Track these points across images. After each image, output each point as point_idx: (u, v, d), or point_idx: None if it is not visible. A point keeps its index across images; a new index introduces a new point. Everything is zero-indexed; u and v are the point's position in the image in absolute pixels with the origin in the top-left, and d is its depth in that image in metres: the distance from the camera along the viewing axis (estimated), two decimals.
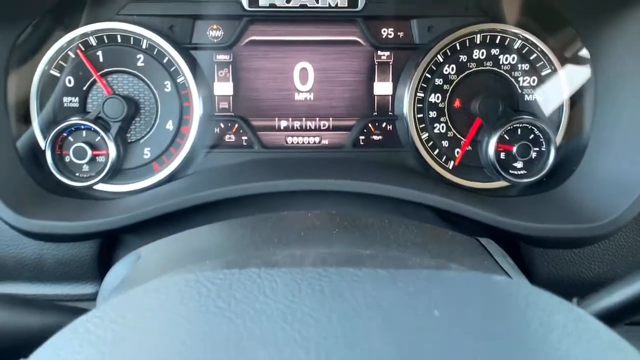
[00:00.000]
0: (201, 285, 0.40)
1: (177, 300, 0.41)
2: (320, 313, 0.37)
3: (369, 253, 0.55)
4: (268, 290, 0.39)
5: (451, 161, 1.12)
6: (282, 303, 0.38)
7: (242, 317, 0.37)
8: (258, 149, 1.13)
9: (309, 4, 1.08)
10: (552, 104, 1.11)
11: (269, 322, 0.36)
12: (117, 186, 1.08)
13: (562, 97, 1.10)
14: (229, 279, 0.41)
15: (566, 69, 1.09)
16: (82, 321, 0.44)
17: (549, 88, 1.10)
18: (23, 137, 1.04)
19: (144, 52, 1.07)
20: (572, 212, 0.97)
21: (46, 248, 1.01)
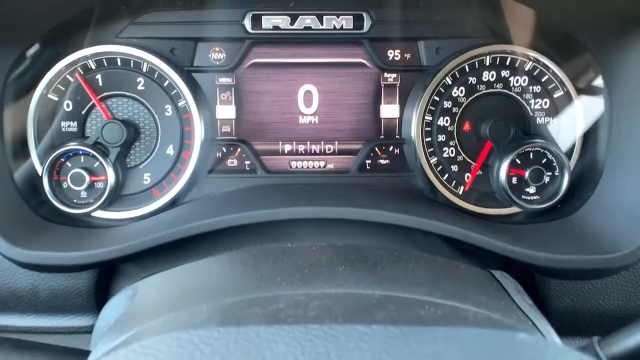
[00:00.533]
0: (195, 347, 0.36)
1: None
2: None
3: (378, 298, 0.52)
4: (267, 353, 0.35)
5: (461, 186, 1.09)
6: None
7: None
8: (261, 173, 1.10)
9: (313, 26, 1.06)
10: (565, 127, 1.07)
11: None
12: (116, 213, 1.05)
13: (575, 120, 1.06)
14: (224, 338, 0.37)
15: (579, 91, 1.05)
16: None
17: (561, 110, 1.07)
18: (19, 163, 1.02)
19: (145, 76, 1.04)
20: (589, 241, 0.93)
21: (41, 279, 0.98)
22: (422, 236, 0.95)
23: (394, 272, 0.66)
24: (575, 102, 1.06)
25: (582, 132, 1.06)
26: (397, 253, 0.76)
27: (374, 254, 0.74)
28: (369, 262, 0.70)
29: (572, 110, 1.06)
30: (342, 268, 0.67)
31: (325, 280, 0.63)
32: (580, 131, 1.06)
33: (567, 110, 1.07)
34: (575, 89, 1.06)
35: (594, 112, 1.04)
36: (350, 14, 1.06)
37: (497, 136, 1.05)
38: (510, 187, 1.05)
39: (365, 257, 0.73)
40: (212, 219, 0.91)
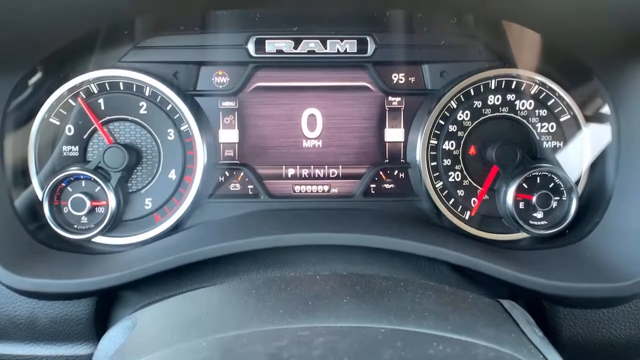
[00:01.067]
0: None
1: None
2: None
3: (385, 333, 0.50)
4: None
5: (467, 211, 1.07)
6: None
7: None
8: (264, 198, 1.09)
9: (317, 49, 1.05)
10: (573, 151, 1.05)
11: None
12: (117, 239, 1.04)
13: (582, 144, 1.04)
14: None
15: (586, 114, 1.04)
16: None
17: (568, 134, 1.05)
18: (20, 188, 1.01)
19: (147, 100, 1.04)
20: (598, 268, 0.91)
21: (40, 306, 0.96)
22: (428, 263, 0.93)
23: (401, 303, 0.64)
24: (582, 126, 1.05)
25: (589, 157, 1.04)
26: (403, 283, 0.74)
27: (380, 283, 0.73)
28: (375, 292, 0.68)
29: (579, 134, 1.05)
30: (347, 299, 0.65)
31: (330, 312, 0.61)
32: (588, 155, 1.05)
33: (574, 134, 1.05)
34: (582, 112, 1.05)
35: (601, 136, 1.02)
36: (354, 38, 1.05)
37: (503, 160, 1.04)
38: (518, 212, 1.04)
39: (371, 287, 0.71)
40: (214, 246, 0.89)
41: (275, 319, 0.59)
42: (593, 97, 1.03)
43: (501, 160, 1.04)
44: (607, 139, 1.01)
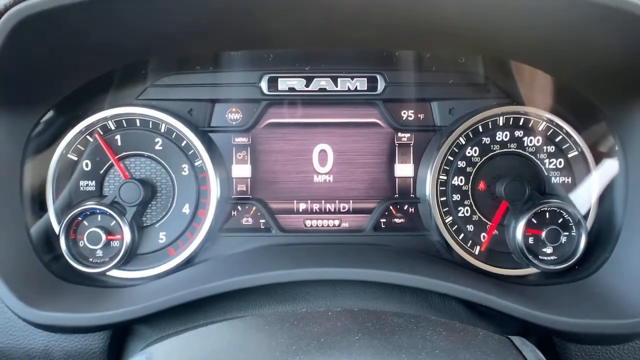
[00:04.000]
0: None
1: None
2: None
3: None
4: None
5: (477, 246, 1.08)
6: None
7: None
8: (276, 232, 1.10)
9: (328, 87, 1.08)
10: (581, 187, 1.07)
11: None
12: (131, 272, 1.06)
13: (590, 180, 1.06)
14: None
15: (594, 151, 1.06)
16: None
17: (576, 170, 1.07)
18: (37, 223, 1.03)
19: (163, 136, 1.07)
20: (609, 304, 0.91)
21: (55, 340, 0.97)
22: (439, 298, 0.94)
23: (412, 341, 0.65)
24: (590, 162, 1.06)
25: (598, 192, 1.05)
26: (414, 319, 0.75)
27: (391, 320, 0.73)
28: (386, 330, 0.69)
29: (587, 170, 1.06)
30: (358, 337, 0.66)
31: (342, 350, 0.62)
32: (596, 191, 1.06)
33: (582, 171, 1.07)
34: (590, 149, 1.06)
35: (609, 172, 1.03)
36: (365, 76, 1.08)
37: (512, 196, 1.05)
38: (527, 247, 1.05)
39: (382, 324, 0.72)
40: (227, 280, 0.91)
41: (287, 356, 0.60)
42: (601, 135, 1.04)
43: (510, 196, 1.05)
44: (615, 175, 1.02)
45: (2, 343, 0.98)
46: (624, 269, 0.96)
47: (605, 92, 0.97)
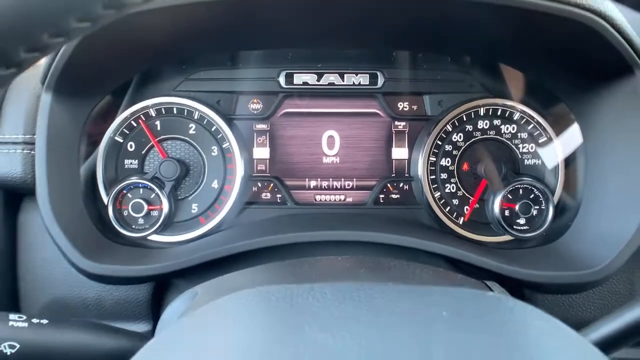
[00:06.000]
0: (266, 295, 0.55)
1: (251, 306, 0.55)
2: (358, 313, 0.51)
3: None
4: (320, 297, 0.53)
5: (461, 217, 1.27)
6: (331, 307, 0.52)
7: (303, 314, 0.51)
8: (291, 205, 1.29)
9: (336, 82, 1.27)
10: (549, 168, 1.26)
11: (322, 318, 0.51)
12: (168, 237, 1.24)
13: (557, 162, 1.25)
14: (289, 290, 0.55)
15: (560, 138, 1.25)
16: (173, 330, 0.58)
17: (545, 153, 1.26)
18: (90, 194, 1.21)
19: (195, 122, 1.25)
20: (569, 261, 1.10)
21: (106, 290, 1.15)
22: (428, 257, 1.12)
23: (404, 273, 0.84)
24: (557, 146, 1.25)
25: (563, 172, 1.24)
26: (407, 264, 0.94)
27: (389, 263, 0.92)
28: (385, 268, 0.88)
29: (554, 153, 1.26)
30: (363, 271, 0.85)
31: (351, 277, 0.81)
32: (562, 171, 1.25)
33: (550, 153, 1.26)
34: (557, 135, 1.25)
35: (573, 155, 1.23)
36: (367, 73, 1.27)
37: (491, 175, 1.24)
38: (503, 218, 1.23)
39: (382, 265, 0.91)
40: (252, 240, 1.10)
41: (309, 281, 0.79)
42: (565, 124, 1.23)
43: (489, 175, 1.25)
44: (577, 158, 1.22)
45: (62, 293, 1.17)
46: (582, 234, 1.15)
47: (567, 87, 1.16)
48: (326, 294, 0.55)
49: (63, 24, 0.41)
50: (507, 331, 0.51)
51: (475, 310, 0.53)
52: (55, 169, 1.07)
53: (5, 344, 0.73)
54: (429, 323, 0.50)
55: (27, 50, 0.42)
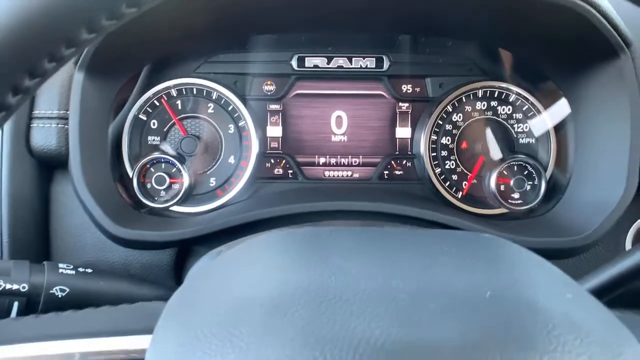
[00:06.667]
0: (292, 235, 0.64)
1: (278, 242, 0.65)
2: (376, 246, 0.61)
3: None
4: (342, 235, 0.63)
5: (460, 192, 1.37)
6: (352, 243, 0.62)
7: (327, 248, 0.61)
8: (301, 180, 1.38)
9: (344, 65, 1.36)
10: (542, 146, 1.35)
11: (345, 251, 0.60)
12: (188, 208, 1.33)
13: (549, 140, 1.35)
14: (314, 231, 0.65)
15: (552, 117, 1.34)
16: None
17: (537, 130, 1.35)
18: (116, 167, 1.31)
19: (214, 102, 1.35)
20: (560, 230, 1.20)
21: (132, 254, 1.25)
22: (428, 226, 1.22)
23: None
24: (548, 125, 1.35)
25: (555, 149, 1.34)
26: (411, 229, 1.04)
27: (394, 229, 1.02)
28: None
29: (547, 133, 1.35)
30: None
31: None
32: (554, 148, 1.34)
33: (543, 132, 1.35)
34: (549, 115, 1.35)
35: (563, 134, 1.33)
36: (373, 57, 1.36)
37: (487, 153, 1.34)
38: (499, 192, 1.33)
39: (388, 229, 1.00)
40: (267, 209, 1.19)
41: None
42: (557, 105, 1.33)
43: (486, 153, 1.35)
44: (568, 137, 1.31)
45: (91, 258, 1.27)
46: (572, 205, 1.25)
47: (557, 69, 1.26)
48: (347, 234, 0.65)
49: (94, 22, 0.50)
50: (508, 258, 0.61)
51: (482, 245, 0.63)
52: (86, 143, 1.16)
53: (56, 287, 0.83)
54: (438, 254, 0.60)
55: (67, 46, 0.51)
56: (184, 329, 0.53)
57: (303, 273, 0.56)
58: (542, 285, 0.57)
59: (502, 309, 0.52)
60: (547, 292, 0.56)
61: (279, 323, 0.50)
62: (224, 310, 0.54)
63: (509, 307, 0.52)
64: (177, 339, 0.53)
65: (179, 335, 0.53)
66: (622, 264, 0.87)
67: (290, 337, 0.49)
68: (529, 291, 0.55)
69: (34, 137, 1.20)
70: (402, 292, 0.53)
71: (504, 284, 0.56)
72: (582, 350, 0.50)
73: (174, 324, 0.55)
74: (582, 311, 0.56)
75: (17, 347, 0.55)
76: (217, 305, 0.55)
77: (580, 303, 0.57)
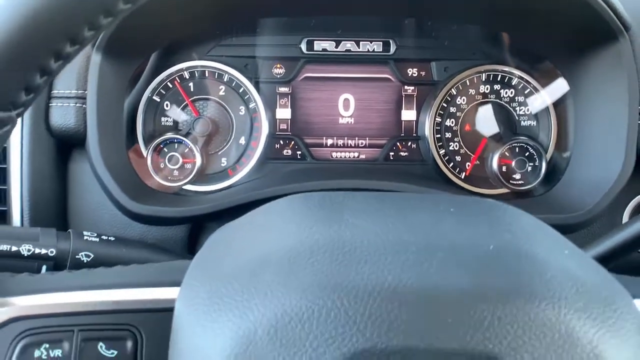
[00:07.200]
0: (306, 196, 0.69)
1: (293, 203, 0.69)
2: (388, 206, 0.66)
3: None
4: (354, 198, 0.68)
5: (463, 172, 1.41)
6: (364, 204, 0.67)
7: (341, 207, 0.65)
8: (310, 160, 1.43)
9: (352, 49, 1.40)
10: (543, 128, 1.40)
11: (358, 211, 0.65)
12: (200, 187, 1.38)
13: (550, 123, 1.39)
14: (327, 194, 0.69)
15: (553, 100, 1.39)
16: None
17: (540, 116, 1.40)
18: (130, 147, 1.35)
19: (225, 84, 1.39)
20: (559, 208, 1.24)
21: (147, 229, 1.30)
22: None
23: None
24: (550, 110, 1.39)
25: (555, 131, 1.38)
26: None
27: None
28: None
29: (548, 115, 1.39)
30: None
31: None
32: (554, 131, 1.39)
33: (544, 116, 1.40)
34: (551, 99, 1.39)
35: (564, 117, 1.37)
36: (380, 41, 1.40)
37: (490, 134, 1.39)
38: (501, 173, 1.37)
39: None
40: (276, 187, 1.24)
41: None
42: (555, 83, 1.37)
43: (488, 134, 1.39)
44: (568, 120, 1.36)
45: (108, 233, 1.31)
46: (571, 184, 1.30)
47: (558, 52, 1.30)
48: (360, 197, 0.69)
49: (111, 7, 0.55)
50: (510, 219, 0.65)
51: (487, 207, 0.68)
52: (103, 122, 1.21)
53: (82, 253, 0.88)
54: (445, 213, 0.64)
55: (104, 16, 0.55)
56: (211, 278, 0.58)
57: (320, 229, 0.60)
58: (541, 242, 0.62)
59: (504, 260, 0.57)
60: (546, 247, 0.60)
61: (299, 272, 0.55)
62: (248, 260, 0.58)
63: (510, 258, 0.57)
64: (205, 286, 0.57)
65: (207, 283, 0.58)
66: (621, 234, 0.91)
67: (309, 283, 0.54)
68: (529, 246, 0.59)
69: (53, 116, 1.25)
70: (412, 245, 0.57)
71: (506, 239, 0.60)
72: (577, 297, 0.55)
73: (201, 274, 0.60)
74: (578, 265, 0.60)
75: (55, 296, 0.60)
76: (241, 256, 0.59)
77: (576, 258, 0.62)
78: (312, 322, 0.52)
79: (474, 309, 0.52)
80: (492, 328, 0.51)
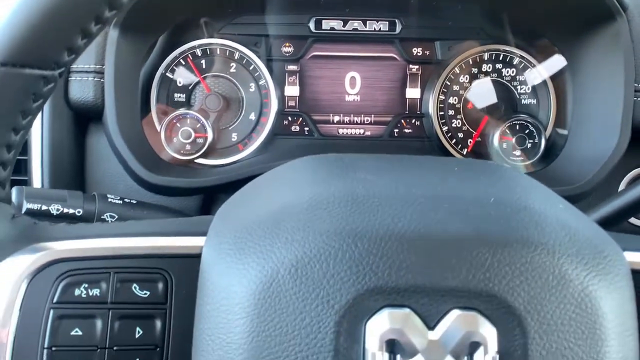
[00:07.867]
0: (319, 157, 0.74)
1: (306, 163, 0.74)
2: (397, 165, 0.71)
3: None
4: (364, 158, 0.73)
5: (465, 149, 1.46)
6: (374, 163, 0.72)
7: (352, 165, 0.71)
8: (317, 136, 1.48)
9: (359, 28, 1.45)
10: (542, 107, 1.45)
11: (368, 168, 0.70)
12: (211, 161, 1.43)
13: (549, 101, 1.44)
14: (338, 155, 0.75)
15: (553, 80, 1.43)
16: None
17: (540, 94, 1.45)
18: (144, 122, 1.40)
19: (236, 62, 1.44)
20: (557, 182, 1.29)
21: (162, 199, 1.35)
22: None
23: None
24: (550, 88, 1.44)
25: (554, 109, 1.44)
26: None
27: None
28: None
29: (547, 94, 1.44)
30: None
31: None
32: (553, 109, 1.44)
33: (544, 94, 1.45)
34: (550, 78, 1.44)
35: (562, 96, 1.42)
36: (387, 20, 1.45)
37: (491, 112, 1.44)
38: (502, 150, 1.42)
39: None
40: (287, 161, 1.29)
41: None
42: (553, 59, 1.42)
43: (490, 112, 1.44)
44: (566, 98, 1.41)
45: None
46: (569, 159, 1.35)
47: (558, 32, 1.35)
48: (371, 158, 0.75)
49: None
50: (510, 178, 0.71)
51: (489, 168, 0.74)
52: (120, 95, 1.26)
53: (107, 214, 0.93)
54: (451, 171, 0.70)
55: (110, 9, 0.60)
56: (236, 226, 0.64)
57: (335, 182, 0.66)
58: (538, 197, 0.67)
59: (504, 210, 0.62)
60: (542, 201, 0.66)
61: (317, 219, 0.61)
62: (270, 211, 0.64)
63: (510, 209, 0.62)
64: (231, 233, 0.63)
65: (232, 230, 0.63)
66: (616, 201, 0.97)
67: (326, 229, 0.59)
68: (527, 199, 0.65)
69: (72, 89, 1.30)
70: (420, 197, 0.63)
71: (506, 193, 0.66)
72: (570, 244, 0.61)
73: (227, 223, 0.65)
74: (572, 217, 0.66)
75: (93, 241, 0.66)
76: (263, 207, 0.65)
77: (570, 212, 0.67)
78: (329, 262, 0.57)
79: (475, 251, 0.57)
80: (492, 269, 0.57)
